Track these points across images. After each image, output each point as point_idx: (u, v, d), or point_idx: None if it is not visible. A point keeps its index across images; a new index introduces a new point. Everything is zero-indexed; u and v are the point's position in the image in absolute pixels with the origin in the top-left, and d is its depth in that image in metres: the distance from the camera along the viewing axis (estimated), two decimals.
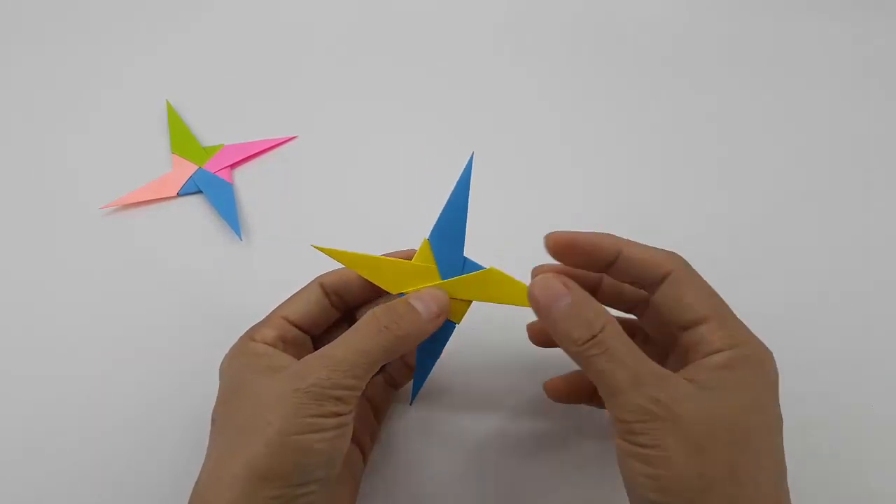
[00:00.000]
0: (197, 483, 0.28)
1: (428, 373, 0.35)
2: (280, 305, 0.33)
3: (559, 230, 0.30)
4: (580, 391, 0.35)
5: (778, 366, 0.28)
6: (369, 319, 0.29)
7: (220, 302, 0.42)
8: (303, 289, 0.33)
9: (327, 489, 0.29)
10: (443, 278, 0.32)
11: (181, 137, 0.49)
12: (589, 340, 0.27)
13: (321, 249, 0.31)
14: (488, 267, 0.31)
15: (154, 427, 0.38)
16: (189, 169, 0.47)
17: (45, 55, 0.54)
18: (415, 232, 0.33)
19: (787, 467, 0.27)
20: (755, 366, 0.27)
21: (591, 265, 0.31)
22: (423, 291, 0.31)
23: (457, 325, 0.33)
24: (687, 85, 0.54)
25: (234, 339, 0.32)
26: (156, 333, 0.41)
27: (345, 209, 0.46)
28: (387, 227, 0.45)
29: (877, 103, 0.53)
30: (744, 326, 0.28)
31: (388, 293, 0.32)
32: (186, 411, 0.38)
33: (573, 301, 0.28)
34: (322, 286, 0.33)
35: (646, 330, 0.34)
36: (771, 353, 0.28)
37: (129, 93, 0.52)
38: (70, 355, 0.40)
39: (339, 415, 0.28)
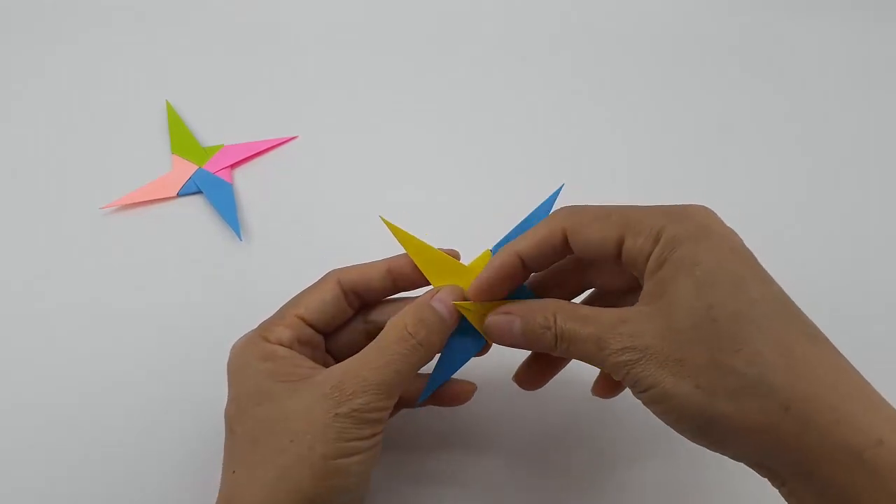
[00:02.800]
0: (227, 499, 0.28)
1: (448, 375, 0.32)
2: (294, 302, 0.32)
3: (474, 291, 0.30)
4: (544, 368, 0.34)
5: None
6: (403, 335, 0.29)
7: (220, 302, 0.42)
8: (317, 285, 0.32)
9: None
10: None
11: (181, 137, 0.49)
12: (556, 339, 0.28)
13: (388, 224, 0.31)
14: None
15: (154, 426, 0.38)
16: (189, 169, 0.47)
17: (44, 55, 0.54)
18: (416, 231, 0.33)
19: None
20: (682, 243, 0.26)
21: (515, 286, 0.31)
22: (442, 293, 0.30)
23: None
24: (700, 85, 0.54)
25: (234, 338, 0.32)
26: (155, 333, 0.41)
27: (345, 209, 0.46)
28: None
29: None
30: (656, 214, 0.27)
31: (407, 294, 0.33)
32: (186, 411, 0.38)
33: (521, 319, 0.29)
34: (340, 284, 0.32)
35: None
36: (694, 210, 0.27)
37: (129, 93, 0.52)
38: (70, 355, 0.40)
39: (375, 435, 0.28)
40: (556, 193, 0.32)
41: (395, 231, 0.31)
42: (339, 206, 0.46)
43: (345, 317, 0.33)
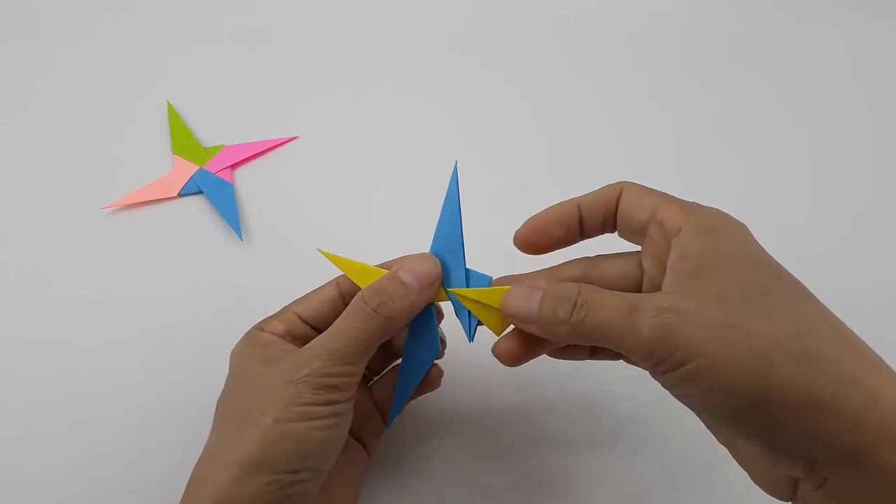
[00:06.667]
0: (192, 473, 0.29)
1: (410, 392, 0.33)
2: (294, 301, 0.33)
3: (526, 229, 0.30)
4: (533, 344, 0.31)
5: None
6: (359, 305, 0.29)
7: (221, 302, 0.42)
8: (319, 288, 0.33)
9: (320, 478, 0.28)
10: (447, 289, 0.31)
11: (182, 138, 0.49)
12: (573, 309, 0.26)
13: (326, 254, 0.32)
14: (492, 276, 0.31)
15: (154, 425, 0.38)
16: (190, 169, 0.47)
17: (45, 55, 0.54)
18: (415, 232, 0.34)
19: None
20: (719, 222, 0.27)
21: (563, 238, 0.30)
22: (410, 262, 0.31)
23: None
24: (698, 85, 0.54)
25: (235, 338, 0.32)
26: (156, 333, 0.41)
27: (345, 209, 0.46)
28: (387, 228, 0.45)
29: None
30: (686, 201, 0.28)
31: None
32: (188, 409, 0.38)
33: (545, 291, 0.27)
34: (338, 286, 0.33)
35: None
36: (724, 212, 0.28)
37: (129, 93, 0.52)
38: (71, 355, 0.40)
39: (335, 402, 0.28)
40: (454, 174, 0.31)
41: (332, 258, 0.32)
42: (339, 206, 0.46)
43: None
